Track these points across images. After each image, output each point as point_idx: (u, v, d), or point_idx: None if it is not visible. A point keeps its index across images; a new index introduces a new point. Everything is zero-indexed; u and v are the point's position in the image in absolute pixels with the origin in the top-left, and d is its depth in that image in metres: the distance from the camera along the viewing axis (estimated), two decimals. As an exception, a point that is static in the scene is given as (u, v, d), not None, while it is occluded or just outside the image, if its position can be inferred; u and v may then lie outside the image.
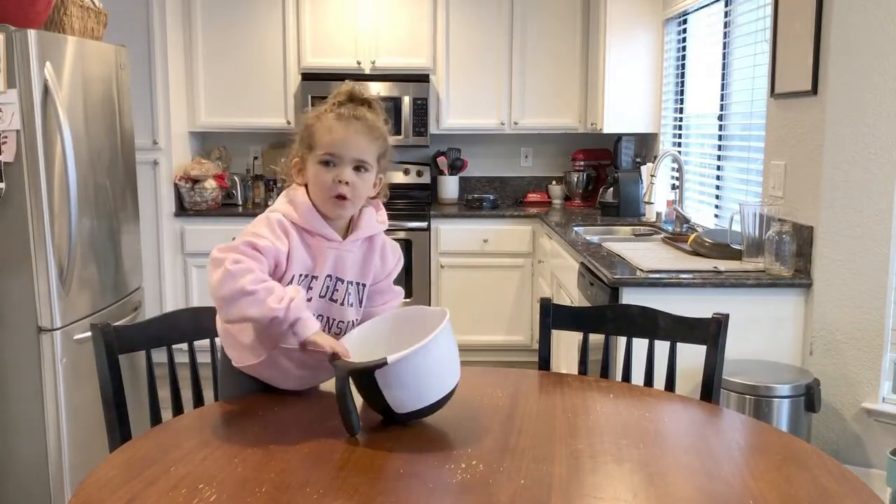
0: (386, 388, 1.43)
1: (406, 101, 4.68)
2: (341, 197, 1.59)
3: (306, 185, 1.64)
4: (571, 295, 3.48)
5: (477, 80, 4.79)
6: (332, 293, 1.66)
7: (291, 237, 1.59)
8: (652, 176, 3.85)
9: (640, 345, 1.95)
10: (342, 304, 1.67)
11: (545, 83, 4.82)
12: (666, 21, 4.37)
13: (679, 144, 4.37)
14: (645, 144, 4.77)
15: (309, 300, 1.61)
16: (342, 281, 1.66)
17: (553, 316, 2.04)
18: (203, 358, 1.84)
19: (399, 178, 5.04)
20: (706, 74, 3.93)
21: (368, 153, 1.61)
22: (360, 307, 1.72)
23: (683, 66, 4.27)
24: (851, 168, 2.68)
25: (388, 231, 1.75)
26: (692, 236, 3.17)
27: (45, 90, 2.61)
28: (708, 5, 3.86)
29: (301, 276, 1.61)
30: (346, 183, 1.59)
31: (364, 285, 1.71)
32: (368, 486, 1.24)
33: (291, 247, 1.58)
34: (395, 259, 1.76)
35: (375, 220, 1.70)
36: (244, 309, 1.48)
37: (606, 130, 4.51)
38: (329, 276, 1.65)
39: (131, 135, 3.29)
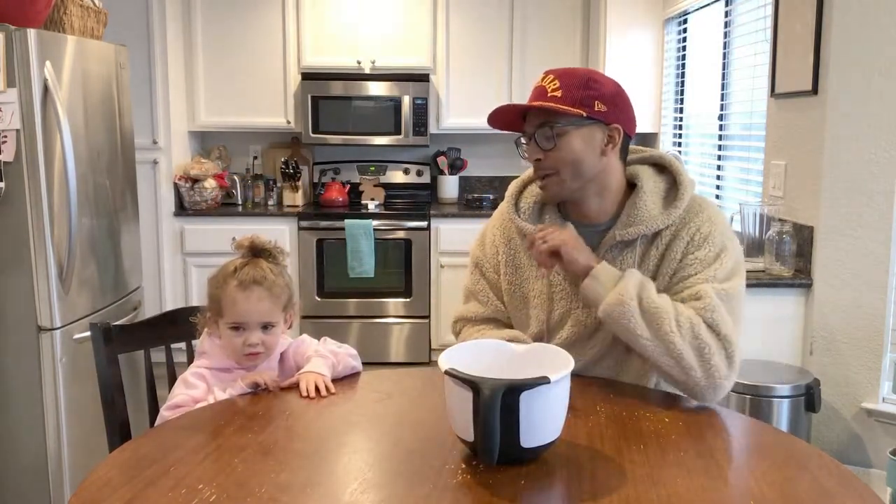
0: (526, 414, 1.26)
1: (406, 100, 4.68)
2: (253, 354, 1.72)
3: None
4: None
5: (477, 79, 4.79)
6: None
7: (207, 380, 1.70)
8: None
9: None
10: None
11: (545, 83, 4.81)
12: (666, 21, 4.37)
13: (679, 144, 4.37)
14: (645, 144, 4.75)
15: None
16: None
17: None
18: (203, 358, 1.84)
19: (399, 177, 5.04)
20: (706, 74, 3.93)
21: (272, 314, 1.72)
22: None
23: (683, 65, 4.27)
24: (851, 168, 2.68)
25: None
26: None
27: (45, 89, 2.61)
28: (708, 5, 3.86)
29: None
30: (257, 343, 1.71)
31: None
32: (369, 486, 1.24)
33: (209, 384, 1.69)
34: (309, 346, 1.80)
35: (280, 341, 1.78)
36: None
37: (606, 130, 4.50)
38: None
39: (131, 134, 3.29)
